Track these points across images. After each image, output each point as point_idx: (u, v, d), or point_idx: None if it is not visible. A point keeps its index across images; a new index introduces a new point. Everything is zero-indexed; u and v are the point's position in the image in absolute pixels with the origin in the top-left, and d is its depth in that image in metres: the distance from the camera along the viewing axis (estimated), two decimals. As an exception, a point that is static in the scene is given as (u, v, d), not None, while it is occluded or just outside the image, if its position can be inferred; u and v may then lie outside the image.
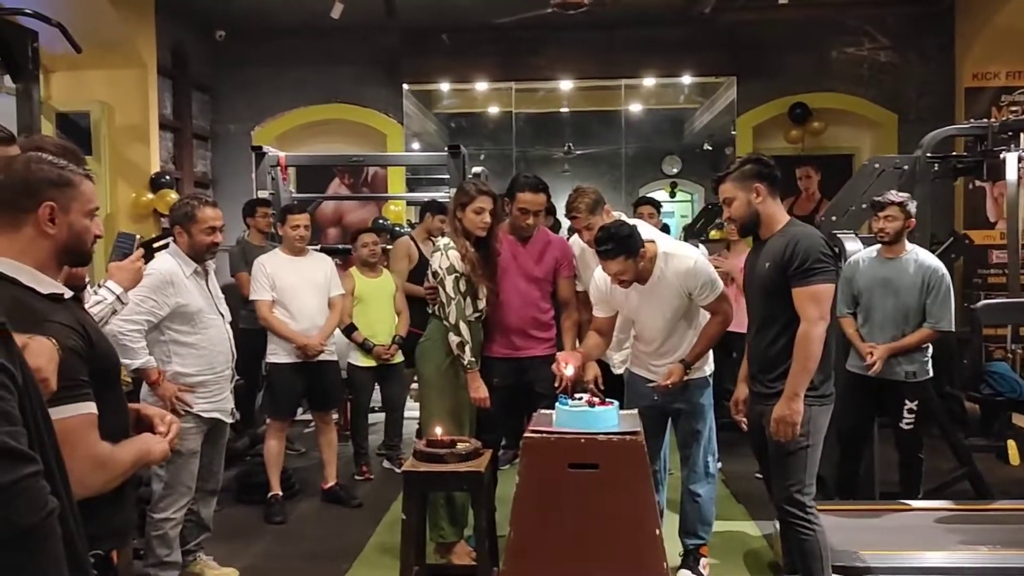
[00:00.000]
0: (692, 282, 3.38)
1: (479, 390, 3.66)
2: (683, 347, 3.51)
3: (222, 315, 3.56)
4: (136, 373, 3.36)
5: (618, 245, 3.23)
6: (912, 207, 4.16)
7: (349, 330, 5.11)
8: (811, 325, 2.83)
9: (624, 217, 3.91)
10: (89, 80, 6.63)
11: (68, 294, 1.73)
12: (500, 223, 3.77)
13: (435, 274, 3.68)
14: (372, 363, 5.23)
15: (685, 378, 3.48)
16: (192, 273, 3.45)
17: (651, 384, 3.50)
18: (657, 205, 5.54)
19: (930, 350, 4.22)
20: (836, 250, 2.99)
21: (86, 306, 2.63)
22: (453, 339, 3.64)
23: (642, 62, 8.08)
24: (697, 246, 6.77)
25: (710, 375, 3.66)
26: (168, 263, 3.38)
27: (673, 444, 3.82)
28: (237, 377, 3.76)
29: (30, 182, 1.68)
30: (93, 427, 1.62)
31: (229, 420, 3.68)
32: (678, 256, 3.40)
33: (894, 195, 4.18)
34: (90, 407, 1.62)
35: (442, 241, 3.73)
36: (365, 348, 5.15)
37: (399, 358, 5.31)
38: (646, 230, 3.52)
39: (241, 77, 8.01)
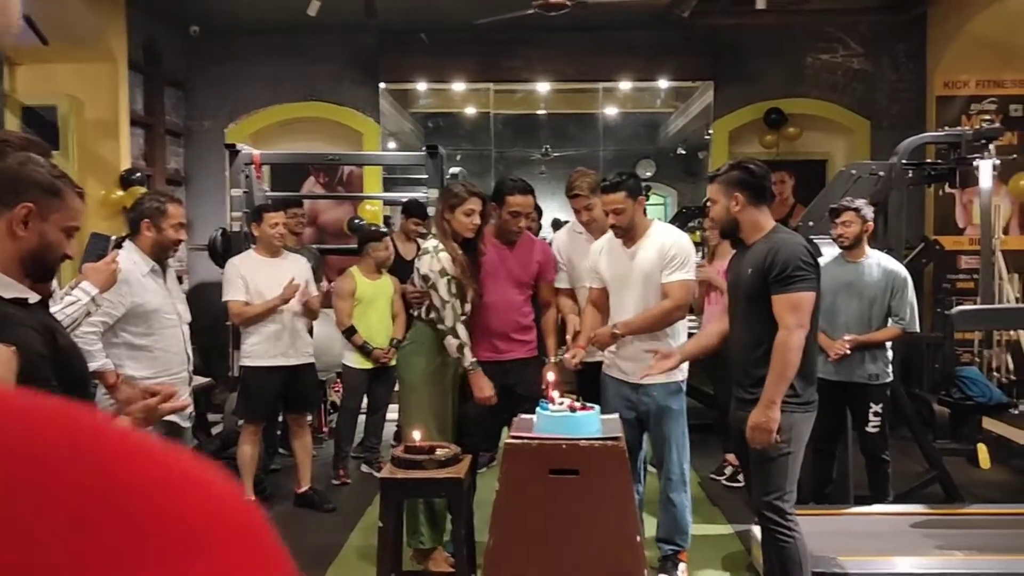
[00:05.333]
0: (666, 252, 3.45)
1: (484, 389, 3.60)
2: (657, 342, 3.51)
3: (179, 315, 3.48)
4: (93, 376, 3.27)
5: (624, 179, 3.44)
6: (868, 212, 4.24)
7: (349, 332, 5.09)
8: (789, 333, 2.83)
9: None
10: (57, 73, 6.49)
11: (34, 298, 1.67)
12: (486, 225, 3.75)
13: (426, 278, 3.60)
14: (368, 365, 5.18)
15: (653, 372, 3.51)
16: (149, 271, 3.38)
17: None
18: None
19: (890, 354, 4.28)
20: (816, 258, 3.01)
21: (59, 306, 2.57)
22: (452, 342, 3.58)
23: (620, 65, 8.09)
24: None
25: (682, 381, 3.65)
26: (122, 261, 3.31)
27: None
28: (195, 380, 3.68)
29: (20, 179, 1.61)
30: None
31: (186, 424, 3.59)
32: (667, 230, 3.57)
33: (848, 201, 4.26)
34: None
35: (431, 244, 3.66)
36: (364, 351, 5.11)
37: (394, 361, 5.27)
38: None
39: (215, 73, 7.90)
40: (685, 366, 3.65)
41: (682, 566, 3.74)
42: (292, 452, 4.92)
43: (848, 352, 4.12)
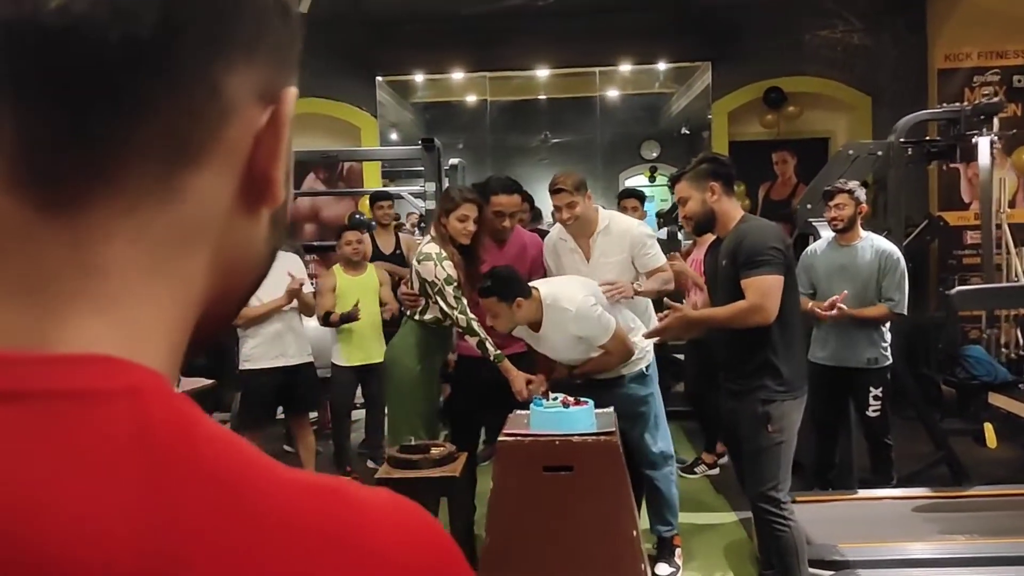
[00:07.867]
0: (577, 329, 3.31)
1: (516, 382, 3.50)
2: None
3: None
4: None
5: (494, 284, 3.22)
6: (861, 193, 4.16)
7: (325, 319, 4.93)
8: (751, 308, 2.83)
9: (602, 210, 3.85)
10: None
11: None
12: (485, 230, 3.67)
13: (432, 284, 3.54)
14: (356, 363, 5.12)
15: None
16: None
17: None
18: (642, 198, 5.49)
19: (889, 337, 4.23)
20: (787, 244, 3.00)
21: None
22: (472, 340, 3.54)
23: (617, 49, 8.02)
24: (676, 233, 6.79)
25: (646, 367, 3.60)
26: None
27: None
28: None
29: None
30: None
31: None
32: (558, 308, 3.29)
33: (842, 183, 4.19)
34: None
35: (432, 249, 3.57)
36: (345, 319, 4.92)
37: (379, 357, 5.22)
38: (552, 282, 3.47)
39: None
40: (651, 352, 3.63)
41: (678, 551, 3.73)
42: (296, 452, 4.94)
43: (842, 308, 4.01)
